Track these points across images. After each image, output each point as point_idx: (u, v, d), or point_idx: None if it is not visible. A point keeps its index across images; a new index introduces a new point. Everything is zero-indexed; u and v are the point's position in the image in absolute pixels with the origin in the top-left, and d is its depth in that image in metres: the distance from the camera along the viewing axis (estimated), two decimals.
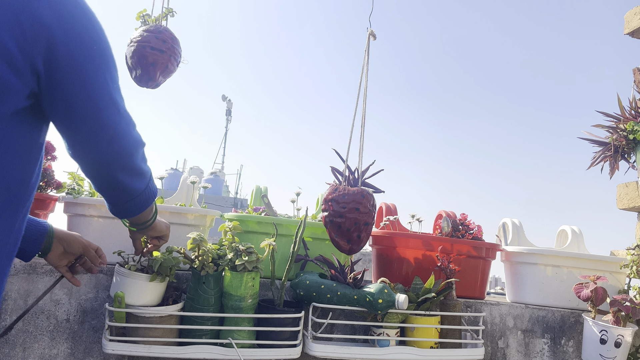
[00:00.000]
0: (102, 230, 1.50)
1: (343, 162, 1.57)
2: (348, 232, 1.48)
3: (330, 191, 1.52)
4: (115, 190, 1.02)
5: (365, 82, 1.59)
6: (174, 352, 1.32)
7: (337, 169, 1.58)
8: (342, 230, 1.48)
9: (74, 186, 1.52)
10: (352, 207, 1.47)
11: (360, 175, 1.56)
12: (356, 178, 1.55)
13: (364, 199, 1.48)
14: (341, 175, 1.57)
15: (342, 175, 1.57)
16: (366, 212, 1.48)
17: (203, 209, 1.62)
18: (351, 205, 1.47)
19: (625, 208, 1.99)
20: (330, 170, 1.58)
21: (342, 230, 1.48)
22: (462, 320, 1.58)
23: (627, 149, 1.83)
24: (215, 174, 16.15)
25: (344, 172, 1.57)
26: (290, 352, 1.39)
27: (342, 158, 1.57)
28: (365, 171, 1.57)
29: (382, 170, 1.57)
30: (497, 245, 1.81)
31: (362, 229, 1.48)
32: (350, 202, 1.47)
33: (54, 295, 1.41)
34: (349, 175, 1.56)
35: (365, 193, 1.50)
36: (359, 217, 1.47)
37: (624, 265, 1.74)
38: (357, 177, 1.55)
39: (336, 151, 1.57)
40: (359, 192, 1.49)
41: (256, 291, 1.37)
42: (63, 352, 1.41)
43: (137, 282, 1.29)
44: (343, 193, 1.49)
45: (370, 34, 1.63)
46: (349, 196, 1.48)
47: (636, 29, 2.05)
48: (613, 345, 1.55)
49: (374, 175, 1.57)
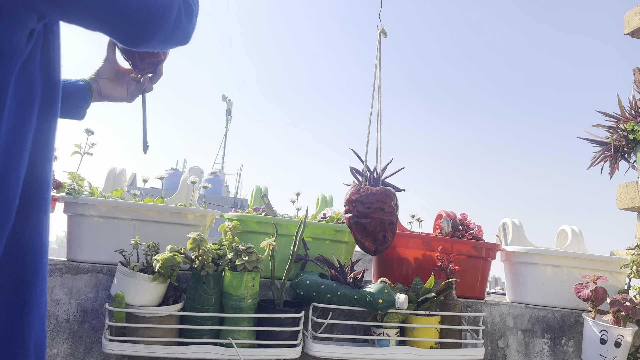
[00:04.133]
0: (102, 230, 1.50)
1: (362, 162, 1.56)
2: (373, 232, 1.47)
3: (353, 192, 1.50)
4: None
5: (380, 80, 1.58)
6: (174, 352, 1.32)
7: (356, 168, 1.57)
8: (368, 230, 1.47)
9: (74, 186, 1.52)
10: (377, 207, 1.46)
11: (380, 174, 1.55)
12: (376, 178, 1.55)
13: (388, 198, 1.47)
14: (361, 175, 1.56)
15: (361, 175, 1.56)
16: (390, 212, 1.47)
17: (203, 209, 1.62)
18: (376, 205, 1.46)
19: (625, 208, 1.99)
20: (350, 171, 1.57)
21: (368, 231, 1.48)
22: (462, 320, 1.58)
23: (627, 149, 1.83)
24: (215, 174, 16.14)
25: (364, 171, 1.56)
26: (290, 352, 1.39)
27: (360, 158, 1.56)
28: (384, 170, 1.55)
29: (402, 169, 1.56)
30: (497, 245, 1.81)
31: (388, 228, 1.48)
32: (374, 202, 1.46)
33: (54, 295, 1.42)
34: (369, 175, 1.55)
35: (389, 192, 1.49)
36: (384, 217, 1.47)
37: (624, 265, 1.74)
38: (377, 177, 1.55)
39: (354, 151, 1.56)
40: (382, 191, 1.48)
41: (256, 291, 1.37)
42: (63, 352, 1.41)
43: (139, 282, 1.29)
44: (367, 193, 1.48)
45: (382, 31, 1.62)
46: (373, 196, 1.47)
47: (636, 29, 2.05)
48: (613, 345, 1.55)
49: (394, 174, 1.56)
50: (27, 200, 0.77)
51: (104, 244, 1.50)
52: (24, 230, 0.77)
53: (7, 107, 0.72)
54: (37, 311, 0.79)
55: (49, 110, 0.81)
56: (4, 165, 0.73)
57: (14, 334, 0.76)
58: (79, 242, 1.51)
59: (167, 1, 0.80)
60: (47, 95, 0.80)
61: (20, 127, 0.75)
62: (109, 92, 1.14)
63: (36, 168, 0.79)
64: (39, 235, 0.80)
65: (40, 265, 0.79)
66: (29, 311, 0.78)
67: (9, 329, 0.75)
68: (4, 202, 0.73)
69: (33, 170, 0.78)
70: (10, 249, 0.75)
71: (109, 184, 1.69)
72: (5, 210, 0.73)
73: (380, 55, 1.60)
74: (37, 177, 0.80)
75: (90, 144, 1.58)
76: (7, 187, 0.73)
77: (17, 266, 0.77)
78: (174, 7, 0.81)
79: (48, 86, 0.80)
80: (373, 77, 1.58)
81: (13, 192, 0.74)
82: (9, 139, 0.73)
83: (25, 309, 0.77)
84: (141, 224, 1.52)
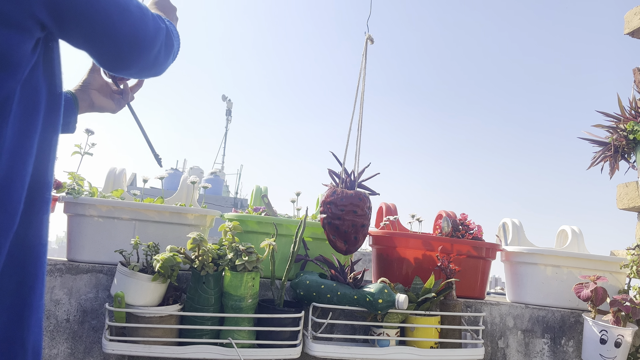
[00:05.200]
0: (102, 230, 1.50)
1: (340, 164, 1.59)
2: (346, 233, 1.52)
3: (329, 194, 1.55)
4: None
5: (363, 86, 1.60)
6: (174, 352, 1.32)
7: (334, 171, 1.61)
8: (340, 232, 1.52)
9: (74, 186, 1.52)
10: (350, 209, 1.51)
11: (356, 177, 1.59)
12: (352, 180, 1.58)
13: (361, 201, 1.52)
14: (338, 178, 1.59)
15: (339, 177, 1.59)
16: (363, 215, 1.52)
17: (203, 209, 1.62)
18: (349, 208, 1.51)
19: (625, 208, 1.99)
20: (328, 173, 1.61)
21: (340, 232, 1.52)
22: (462, 320, 1.58)
23: (627, 149, 1.83)
24: (215, 174, 16.13)
25: (341, 174, 1.59)
26: (290, 352, 1.39)
27: (339, 160, 1.60)
28: (361, 174, 1.60)
29: (377, 174, 1.62)
30: (497, 245, 1.81)
31: (359, 230, 1.53)
32: (347, 205, 1.51)
33: (54, 295, 1.42)
34: (346, 178, 1.59)
35: (362, 196, 1.54)
36: (356, 220, 1.52)
37: (624, 265, 1.74)
38: (354, 180, 1.58)
39: (333, 154, 1.60)
40: (356, 195, 1.53)
41: (256, 291, 1.37)
42: (63, 352, 1.41)
43: (139, 282, 1.29)
44: (341, 196, 1.52)
45: (368, 38, 1.63)
46: (347, 199, 1.52)
47: (636, 29, 2.05)
48: (613, 345, 1.55)
49: (370, 178, 1.61)
50: (30, 203, 0.79)
51: (104, 244, 1.50)
52: (26, 233, 0.79)
53: (13, 114, 0.74)
54: (36, 314, 0.80)
55: (53, 116, 0.83)
56: (9, 170, 0.74)
57: (14, 336, 0.77)
58: (79, 242, 1.51)
59: (153, 34, 0.84)
60: (50, 101, 0.82)
61: (26, 133, 0.77)
62: (101, 103, 1.15)
63: (40, 172, 0.81)
64: (39, 238, 0.81)
65: (40, 269, 0.81)
66: (29, 314, 0.79)
67: (9, 331, 0.76)
68: (9, 207, 0.74)
69: (37, 174, 0.80)
70: (13, 252, 0.76)
71: (109, 184, 1.69)
72: (10, 215, 0.74)
73: (365, 61, 1.63)
74: (40, 180, 0.81)
75: (90, 144, 1.58)
76: (12, 191, 0.74)
77: (19, 269, 0.78)
78: (158, 40, 0.86)
79: (51, 93, 0.82)
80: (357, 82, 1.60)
81: (18, 196, 0.75)
82: (14, 144, 0.75)
83: (26, 311, 0.78)
84: (141, 224, 1.52)
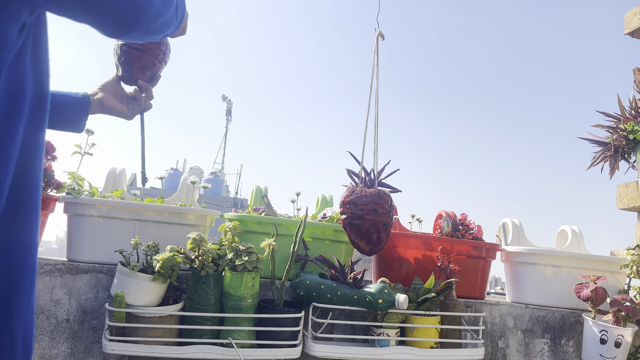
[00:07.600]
0: (102, 230, 1.50)
1: (358, 163, 1.57)
2: (367, 233, 1.49)
3: (348, 194, 1.52)
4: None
5: (377, 83, 1.59)
6: (174, 352, 1.32)
7: (352, 171, 1.58)
8: (362, 232, 1.49)
9: (74, 186, 1.52)
10: (371, 208, 1.47)
11: (376, 176, 1.56)
12: (372, 179, 1.55)
13: (382, 199, 1.49)
14: (357, 177, 1.57)
15: (357, 177, 1.56)
16: (384, 213, 1.49)
17: (203, 209, 1.62)
18: (369, 206, 1.47)
19: (625, 208, 1.99)
20: (346, 173, 1.58)
21: (362, 232, 1.49)
22: (462, 320, 1.58)
23: (627, 149, 1.83)
24: (215, 174, 16.13)
25: (360, 173, 1.56)
26: (290, 352, 1.39)
27: (357, 160, 1.57)
28: (381, 172, 1.56)
29: (398, 170, 1.57)
30: (497, 245, 1.81)
31: (381, 229, 1.50)
32: (368, 204, 1.48)
33: (54, 295, 1.42)
34: (365, 177, 1.56)
35: (383, 194, 1.50)
36: (378, 218, 1.48)
37: (624, 265, 1.74)
38: (373, 178, 1.56)
39: (351, 153, 1.57)
40: (376, 193, 1.49)
41: (256, 291, 1.37)
42: (63, 352, 1.41)
43: (139, 282, 1.29)
44: (360, 195, 1.49)
45: (379, 34, 1.62)
46: (367, 198, 1.48)
47: (636, 29, 2.05)
48: (613, 345, 1.55)
49: (390, 175, 1.57)
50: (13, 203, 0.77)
51: (104, 244, 1.50)
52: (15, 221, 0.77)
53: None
54: (25, 302, 0.79)
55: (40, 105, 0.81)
56: None
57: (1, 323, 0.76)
58: (79, 242, 1.51)
59: None
60: (37, 89, 0.80)
61: (11, 119, 0.75)
62: (111, 104, 1.23)
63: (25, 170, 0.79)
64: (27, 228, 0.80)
65: (30, 257, 0.80)
66: (18, 301, 0.78)
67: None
68: None
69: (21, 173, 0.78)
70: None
71: (109, 184, 1.69)
72: None
73: (377, 57, 1.61)
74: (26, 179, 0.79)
75: (91, 144, 1.58)
76: None
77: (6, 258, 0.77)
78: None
79: (39, 81, 0.80)
80: (370, 79, 1.60)
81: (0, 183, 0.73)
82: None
83: (13, 299, 0.77)
84: (141, 224, 1.52)
